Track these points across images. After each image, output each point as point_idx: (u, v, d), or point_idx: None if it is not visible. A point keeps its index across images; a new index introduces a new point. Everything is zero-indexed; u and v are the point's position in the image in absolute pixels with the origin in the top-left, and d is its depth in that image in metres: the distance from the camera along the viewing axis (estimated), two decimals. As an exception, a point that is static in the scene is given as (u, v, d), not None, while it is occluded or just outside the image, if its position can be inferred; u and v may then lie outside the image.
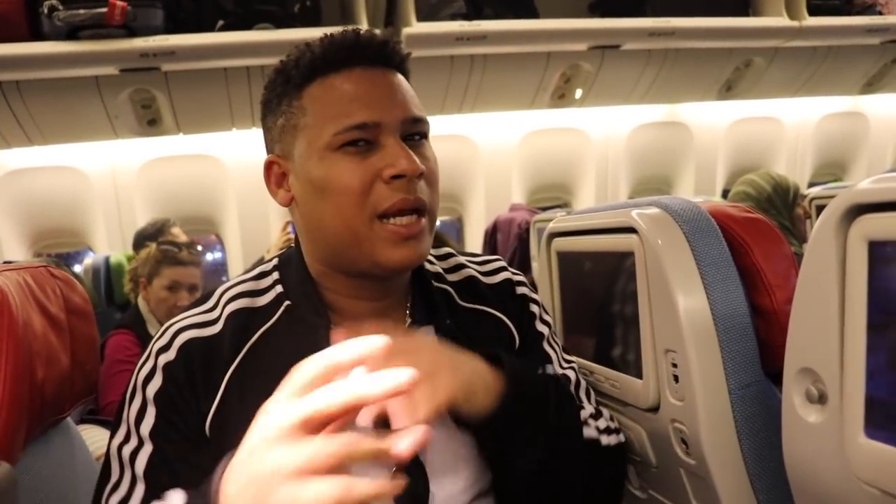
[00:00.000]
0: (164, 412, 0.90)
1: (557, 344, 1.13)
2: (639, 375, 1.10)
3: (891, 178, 0.67)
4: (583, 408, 1.05)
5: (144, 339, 2.54)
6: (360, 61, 0.93)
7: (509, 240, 3.64)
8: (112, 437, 0.93)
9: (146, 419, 0.90)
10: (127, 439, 0.91)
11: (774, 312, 1.01)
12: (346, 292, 0.98)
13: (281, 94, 0.96)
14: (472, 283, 1.09)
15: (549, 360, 1.09)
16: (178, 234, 3.36)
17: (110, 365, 2.37)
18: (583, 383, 1.11)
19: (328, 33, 0.94)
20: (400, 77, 0.96)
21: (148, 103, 3.34)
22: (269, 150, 1.01)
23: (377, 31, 0.96)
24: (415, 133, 0.95)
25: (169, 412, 0.90)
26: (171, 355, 0.92)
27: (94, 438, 1.78)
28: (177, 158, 3.86)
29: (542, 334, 1.11)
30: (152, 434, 0.89)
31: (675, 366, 1.01)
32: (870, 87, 4.56)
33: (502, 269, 1.14)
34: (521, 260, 3.48)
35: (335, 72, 0.92)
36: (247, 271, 1.07)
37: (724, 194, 4.64)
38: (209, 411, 0.90)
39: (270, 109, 0.98)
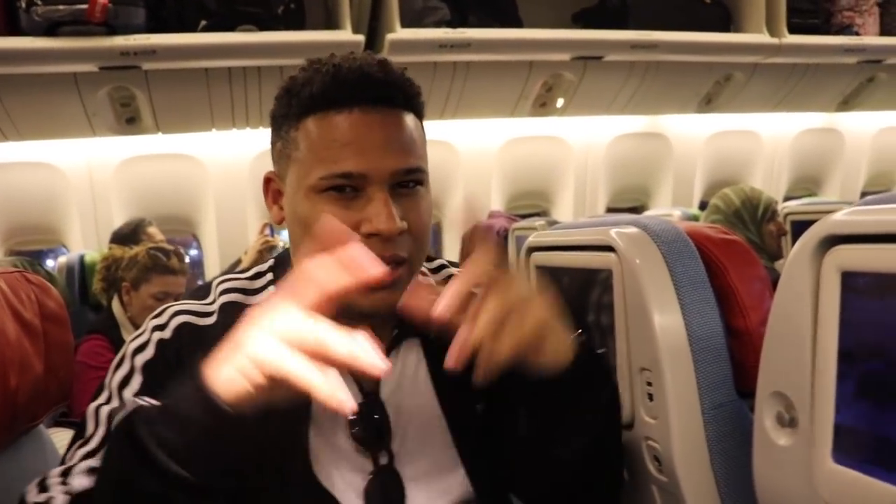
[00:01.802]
0: (149, 381, 0.92)
1: None
2: (614, 392, 1.11)
3: (865, 210, 0.69)
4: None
5: (117, 344, 2.47)
6: (361, 101, 0.90)
7: (487, 247, 3.64)
8: (91, 401, 0.94)
9: (131, 384, 0.92)
10: (108, 401, 0.92)
11: (749, 333, 1.02)
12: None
13: (283, 116, 0.95)
14: None
15: None
16: (155, 233, 3.33)
17: (83, 371, 2.33)
18: None
19: (336, 62, 0.92)
20: (405, 119, 0.93)
21: (127, 101, 3.31)
22: (272, 163, 1.01)
23: (385, 65, 0.93)
24: (409, 180, 0.92)
25: (154, 383, 0.91)
26: (166, 333, 0.95)
27: (66, 442, 1.76)
28: (155, 157, 3.83)
29: None
30: (135, 397, 0.89)
31: (649, 384, 1.02)
32: (845, 104, 4.62)
33: None
34: (499, 268, 3.47)
35: (335, 110, 0.90)
36: (227, 271, 1.08)
37: (702, 206, 4.67)
38: None
39: (275, 127, 0.98)
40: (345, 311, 0.92)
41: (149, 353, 0.94)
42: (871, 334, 0.67)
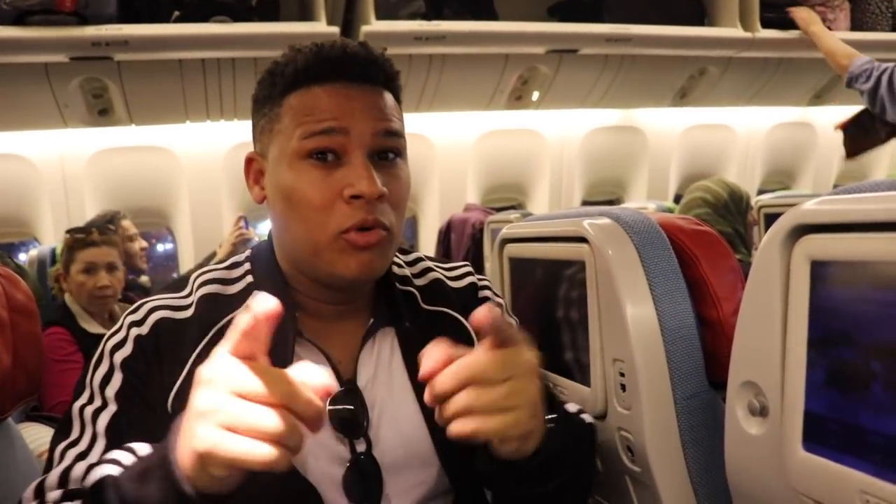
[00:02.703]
0: (130, 378, 0.92)
1: None
2: (587, 383, 1.11)
3: (834, 199, 0.69)
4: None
5: (78, 334, 2.48)
6: (342, 76, 0.93)
7: (463, 240, 3.65)
8: (73, 402, 0.93)
9: (112, 382, 0.92)
10: (90, 401, 0.91)
11: (720, 323, 1.03)
12: (311, 294, 1.00)
13: (267, 96, 0.97)
14: (438, 285, 1.11)
15: None
16: (129, 226, 3.30)
17: (50, 365, 2.31)
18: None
19: (318, 42, 0.95)
20: (384, 95, 0.96)
21: (99, 93, 3.26)
22: (254, 145, 1.02)
23: (366, 45, 0.96)
24: (388, 149, 0.94)
25: (135, 379, 0.92)
26: (143, 329, 0.94)
27: (37, 436, 1.75)
28: (128, 149, 3.78)
29: None
30: (118, 396, 0.91)
31: (622, 375, 1.02)
32: (818, 99, 4.66)
33: (468, 273, 1.15)
34: (475, 261, 3.49)
35: (317, 84, 0.93)
36: (202, 264, 1.07)
37: (677, 199, 4.70)
38: (173, 387, 0.91)
39: (257, 108, 0.99)
40: (331, 278, 0.94)
41: (127, 349, 0.93)
42: (840, 323, 0.68)
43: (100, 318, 2.58)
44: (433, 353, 0.75)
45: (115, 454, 0.84)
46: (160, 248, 4.44)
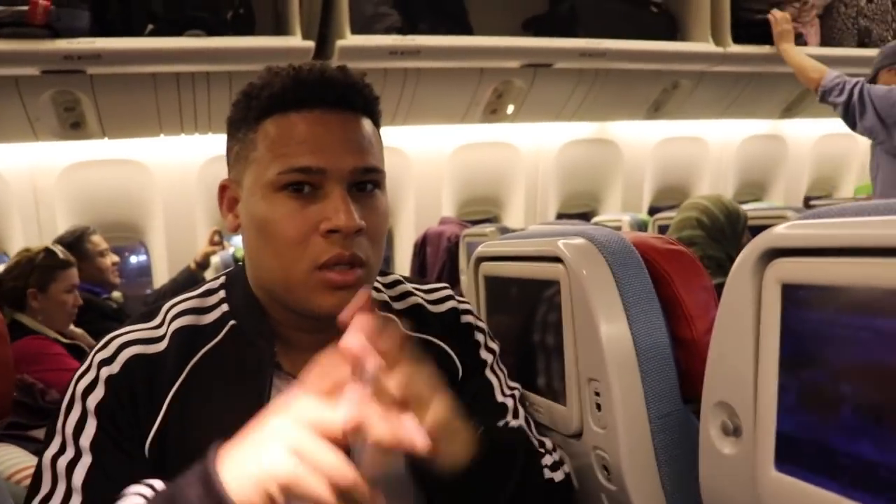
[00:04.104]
0: (105, 424, 0.87)
1: (502, 370, 1.12)
2: (562, 402, 1.11)
3: (805, 224, 0.70)
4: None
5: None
6: (320, 102, 0.90)
7: (438, 253, 3.65)
8: (44, 451, 0.88)
9: (86, 430, 0.87)
10: (62, 451, 0.87)
11: (694, 342, 1.04)
12: (287, 323, 0.96)
13: (241, 119, 0.93)
14: (418, 311, 1.08)
15: (491, 388, 1.08)
16: (99, 242, 3.26)
17: (47, 360, 2.30)
18: (521, 411, 1.09)
19: (296, 65, 0.91)
20: (363, 123, 0.93)
21: (71, 106, 3.24)
22: (228, 171, 0.99)
23: (345, 70, 0.93)
24: (366, 181, 0.92)
25: (111, 425, 0.87)
26: (114, 368, 0.89)
27: (8, 457, 1.72)
28: (101, 163, 3.75)
29: (485, 362, 1.10)
30: (93, 446, 0.86)
31: (597, 394, 1.03)
32: (789, 112, 4.73)
33: (449, 297, 1.12)
34: (450, 274, 3.49)
35: (294, 110, 0.89)
36: (177, 278, 1.05)
37: (651, 211, 4.73)
38: (150, 430, 0.88)
39: (232, 131, 0.96)
40: (306, 313, 0.92)
41: (99, 393, 0.88)
42: (811, 345, 0.68)
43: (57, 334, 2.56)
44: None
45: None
46: (133, 260, 4.40)
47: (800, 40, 3.83)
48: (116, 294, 3.38)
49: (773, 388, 0.72)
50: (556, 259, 1.08)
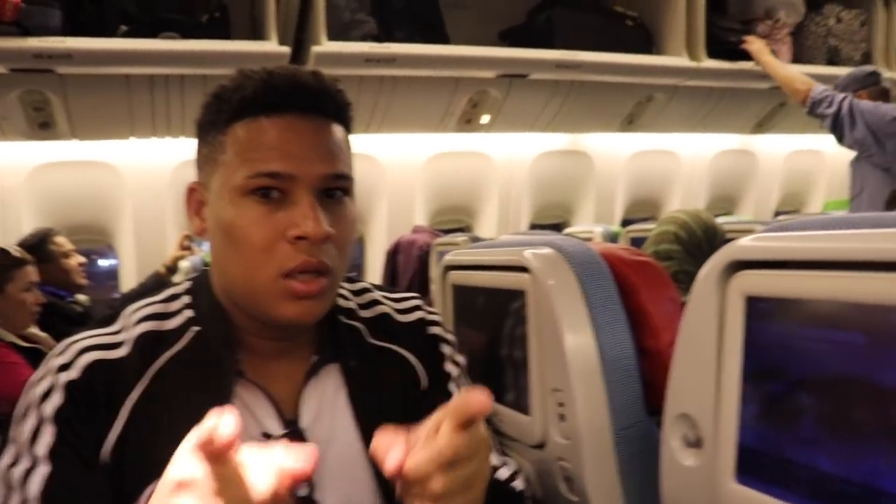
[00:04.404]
0: (64, 432, 0.84)
1: (467, 385, 1.10)
2: (526, 412, 1.11)
3: (768, 237, 0.70)
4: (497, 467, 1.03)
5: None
6: (292, 107, 0.89)
7: (410, 261, 3.64)
8: None
9: (42, 438, 0.84)
10: (17, 460, 0.83)
11: (659, 354, 1.04)
12: (251, 330, 0.95)
13: (211, 122, 0.91)
14: (385, 320, 1.07)
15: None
16: (63, 243, 3.20)
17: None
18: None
19: (269, 69, 0.90)
20: (334, 129, 0.92)
21: (41, 106, 3.18)
22: (196, 173, 0.96)
23: (318, 75, 0.92)
24: (336, 188, 0.90)
25: (69, 432, 0.84)
26: (73, 373, 0.86)
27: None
28: (70, 164, 3.68)
29: (448, 374, 1.08)
30: (51, 454, 0.83)
31: (561, 405, 1.03)
32: (760, 127, 4.78)
33: (417, 308, 1.10)
34: (421, 283, 3.48)
35: (265, 115, 0.88)
36: (146, 282, 1.03)
37: (624, 223, 4.75)
38: (109, 438, 0.86)
39: (201, 134, 0.94)
40: (269, 321, 0.90)
41: (57, 398, 0.85)
42: (773, 358, 0.69)
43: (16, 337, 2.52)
44: (391, 445, 0.70)
45: None
46: (103, 264, 4.34)
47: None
48: (82, 297, 3.33)
49: (735, 400, 0.72)
50: (523, 269, 1.08)
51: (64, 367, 0.87)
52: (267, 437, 0.92)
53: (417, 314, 1.10)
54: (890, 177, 3.02)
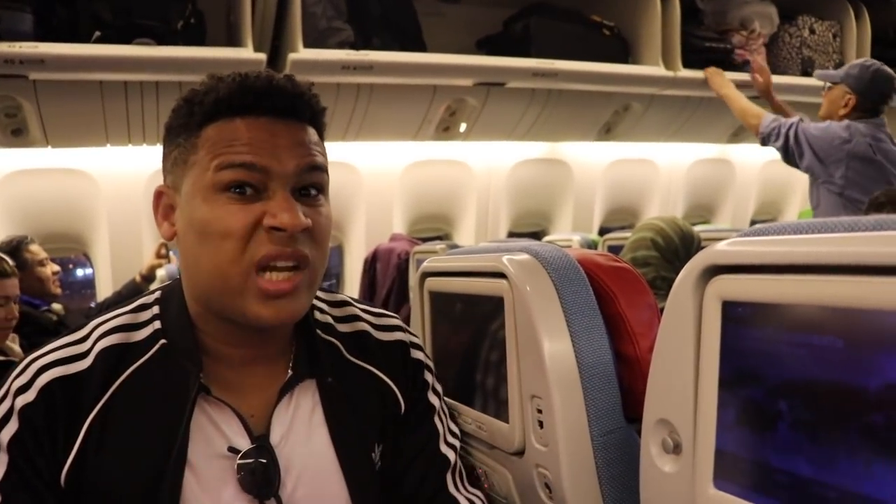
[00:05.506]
0: (17, 461, 0.82)
1: (447, 415, 1.10)
2: (505, 419, 1.10)
3: (745, 241, 0.70)
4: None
5: None
6: (266, 110, 0.88)
7: (388, 270, 3.63)
8: None
9: None
10: None
11: (637, 360, 1.04)
12: (223, 338, 0.93)
13: (182, 125, 0.90)
14: (363, 337, 1.05)
15: (437, 437, 1.06)
16: (38, 251, 3.17)
17: None
18: (458, 466, 1.08)
19: (242, 72, 0.89)
20: (308, 130, 0.91)
21: (13, 112, 3.14)
22: (164, 178, 0.95)
23: (292, 79, 0.91)
24: (310, 185, 0.90)
25: (23, 461, 0.82)
26: (30, 396, 0.84)
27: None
28: (43, 171, 3.64)
29: (433, 407, 1.08)
30: (2, 485, 0.82)
31: (539, 411, 1.02)
32: (736, 136, 4.82)
33: (398, 328, 1.09)
34: (399, 291, 3.47)
35: (239, 116, 0.87)
36: (122, 290, 1.01)
37: (602, 231, 4.77)
38: (67, 459, 0.84)
39: (170, 137, 0.93)
40: (242, 322, 0.88)
41: (13, 425, 0.83)
42: (750, 362, 0.68)
43: None
44: None
45: None
46: (79, 273, 4.29)
47: (747, 67, 3.91)
48: (57, 306, 3.29)
49: (713, 405, 0.72)
50: (501, 275, 1.08)
51: (21, 390, 0.85)
52: (234, 452, 0.90)
53: (397, 335, 1.08)
54: (843, 200, 3.01)
